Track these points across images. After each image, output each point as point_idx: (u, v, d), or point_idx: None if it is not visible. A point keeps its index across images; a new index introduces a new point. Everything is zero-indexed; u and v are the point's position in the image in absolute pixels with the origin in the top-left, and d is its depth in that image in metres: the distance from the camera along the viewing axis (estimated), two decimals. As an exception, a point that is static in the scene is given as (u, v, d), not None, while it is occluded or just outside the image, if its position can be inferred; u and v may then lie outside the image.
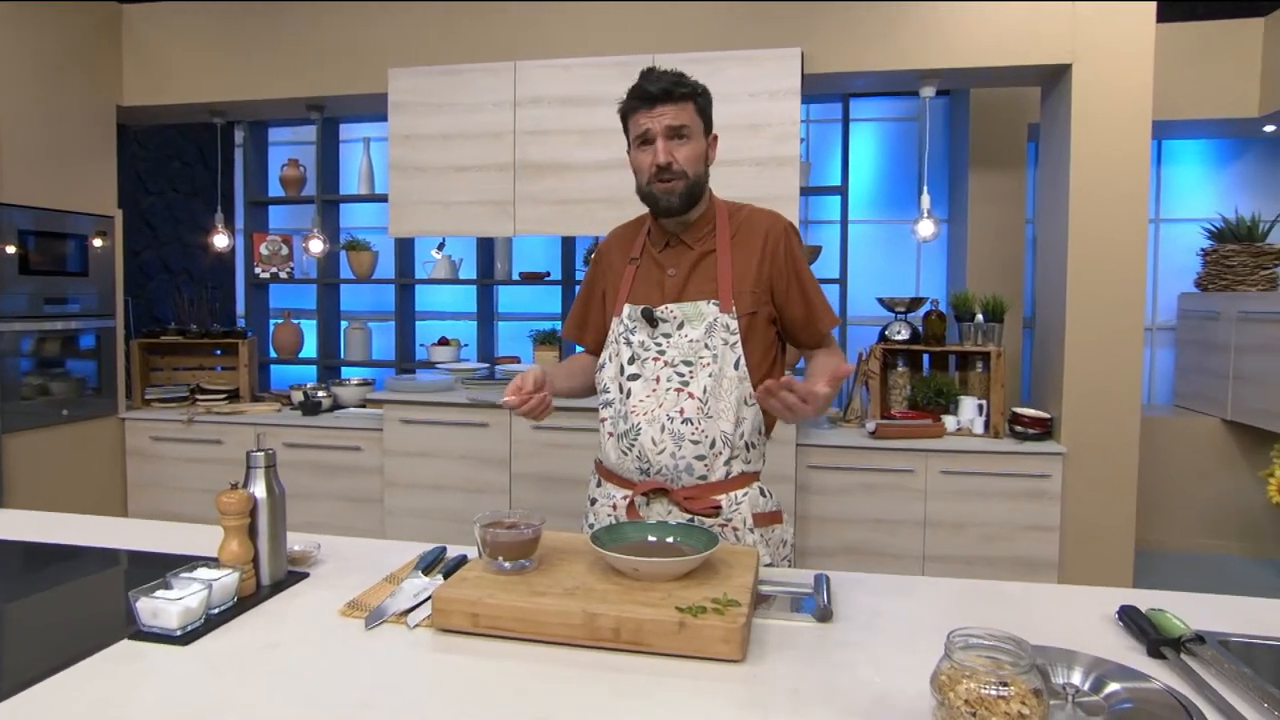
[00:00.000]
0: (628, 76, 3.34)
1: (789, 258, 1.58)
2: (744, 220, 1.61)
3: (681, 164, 1.52)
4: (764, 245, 1.57)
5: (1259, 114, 3.93)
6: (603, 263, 1.72)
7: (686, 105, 1.53)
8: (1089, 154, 3.08)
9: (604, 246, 1.74)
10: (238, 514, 1.28)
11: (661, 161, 1.51)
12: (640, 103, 1.54)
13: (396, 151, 3.53)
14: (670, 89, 1.52)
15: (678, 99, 1.52)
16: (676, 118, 1.52)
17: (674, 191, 1.53)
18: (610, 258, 1.71)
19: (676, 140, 1.53)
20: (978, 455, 3.23)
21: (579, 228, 3.45)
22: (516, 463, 3.43)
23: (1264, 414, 3.72)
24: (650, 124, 1.53)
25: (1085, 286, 3.14)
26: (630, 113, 1.57)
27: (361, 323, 4.69)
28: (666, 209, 1.56)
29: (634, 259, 1.64)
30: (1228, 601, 1.33)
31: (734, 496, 1.54)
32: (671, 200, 1.54)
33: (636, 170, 1.59)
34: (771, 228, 1.59)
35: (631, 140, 1.59)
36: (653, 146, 1.53)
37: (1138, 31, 3.01)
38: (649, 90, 1.53)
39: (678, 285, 1.57)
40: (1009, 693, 0.75)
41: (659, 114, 1.52)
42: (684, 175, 1.53)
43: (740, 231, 1.59)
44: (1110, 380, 3.15)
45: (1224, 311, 4.00)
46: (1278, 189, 4.43)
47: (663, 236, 1.62)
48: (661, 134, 1.52)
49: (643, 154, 1.56)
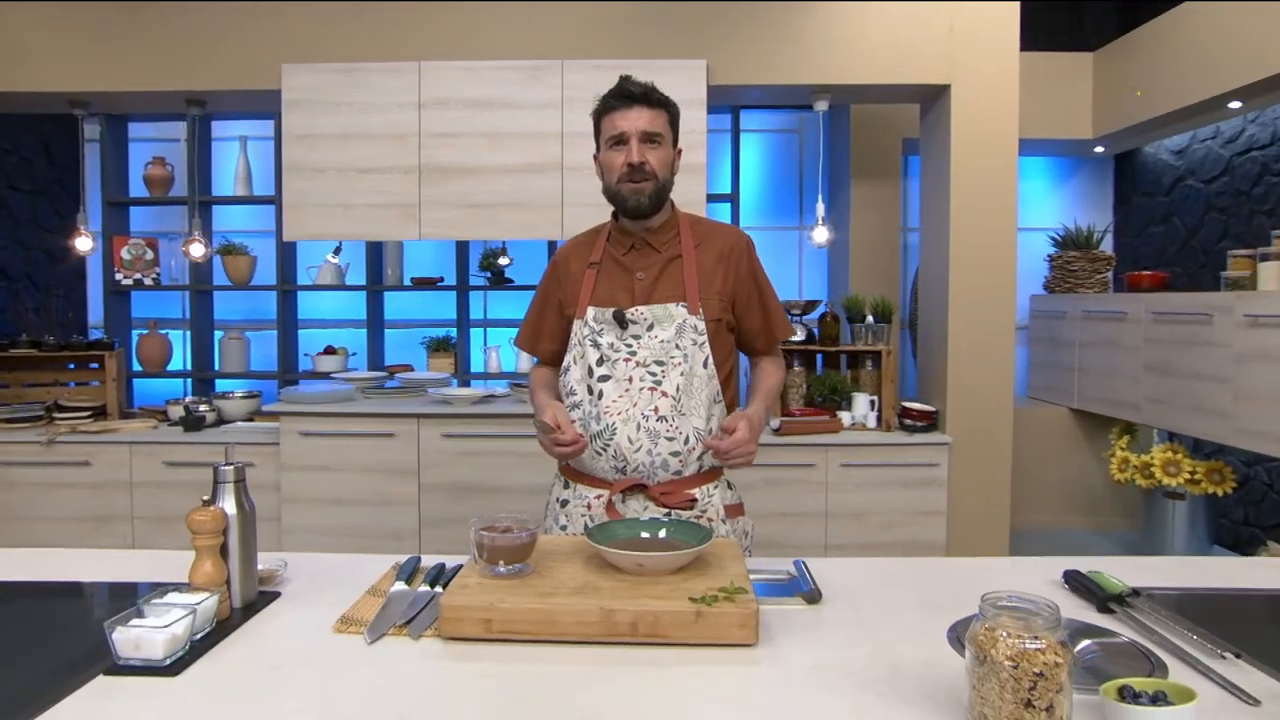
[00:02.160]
0: (537, 81, 3.38)
1: (750, 271, 1.67)
2: (706, 232, 1.68)
3: (653, 166, 1.57)
4: (728, 258, 1.65)
5: (1092, 136, 4.43)
6: (558, 271, 1.74)
7: (661, 113, 1.60)
8: (966, 168, 3.37)
9: (560, 256, 1.76)
10: (211, 533, 1.20)
11: (635, 160, 1.56)
12: (619, 102, 1.59)
13: (291, 151, 3.35)
14: (649, 94, 1.59)
15: (654, 105, 1.59)
16: (652, 123, 1.58)
17: (643, 192, 1.58)
18: (567, 266, 1.72)
19: (649, 144, 1.57)
20: (873, 448, 3.44)
21: (487, 231, 3.41)
22: (426, 473, 3.34)
23: (1104, 402, 4.18)
24: (626, 125, 1.57)
25: (964, 290, 3.43)
26: (606, 113, 1.61)
27: (238, 332, 4.41)
28: (635, 208, 1.59)
29: (593, 263, 1.67)
30: (1143, 562, 1.52)
31: (706, 490, 1.59)
32: (641, 200, 1.58)
33: (606, 170, 1.62)
34: (736, 243, 1.67)
35: (604, 141, 1.63)
36: (626, 147, 1.57)
37: (1005, 56, 3.33)
38: (630, 91, 1.58)
39: (647, 288, 1.61)
40: (1043, 645, 0.84)
41: (636, 116, 1.57)
42: (654, 177, 1.58)
43: (704, 242, 1.66)
44: (987, 375, 3.46)
45: (1069, 311, 4.47)
46: (1107, 202, 5.00)
47: (627, 240, 1.66)
48: (636, 136, 1.57)
49: (615, 154, 1.60)
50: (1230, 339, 3.28)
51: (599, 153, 1.65)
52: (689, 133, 3.33)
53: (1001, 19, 3.32)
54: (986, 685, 0.86)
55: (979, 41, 3.32)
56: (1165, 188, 4.52)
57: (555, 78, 3.32)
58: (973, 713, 0.88)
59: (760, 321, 1.68)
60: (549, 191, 3.36)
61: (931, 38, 3.32)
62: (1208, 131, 4.19)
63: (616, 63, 3.33)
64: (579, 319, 1.63)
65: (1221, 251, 4.08)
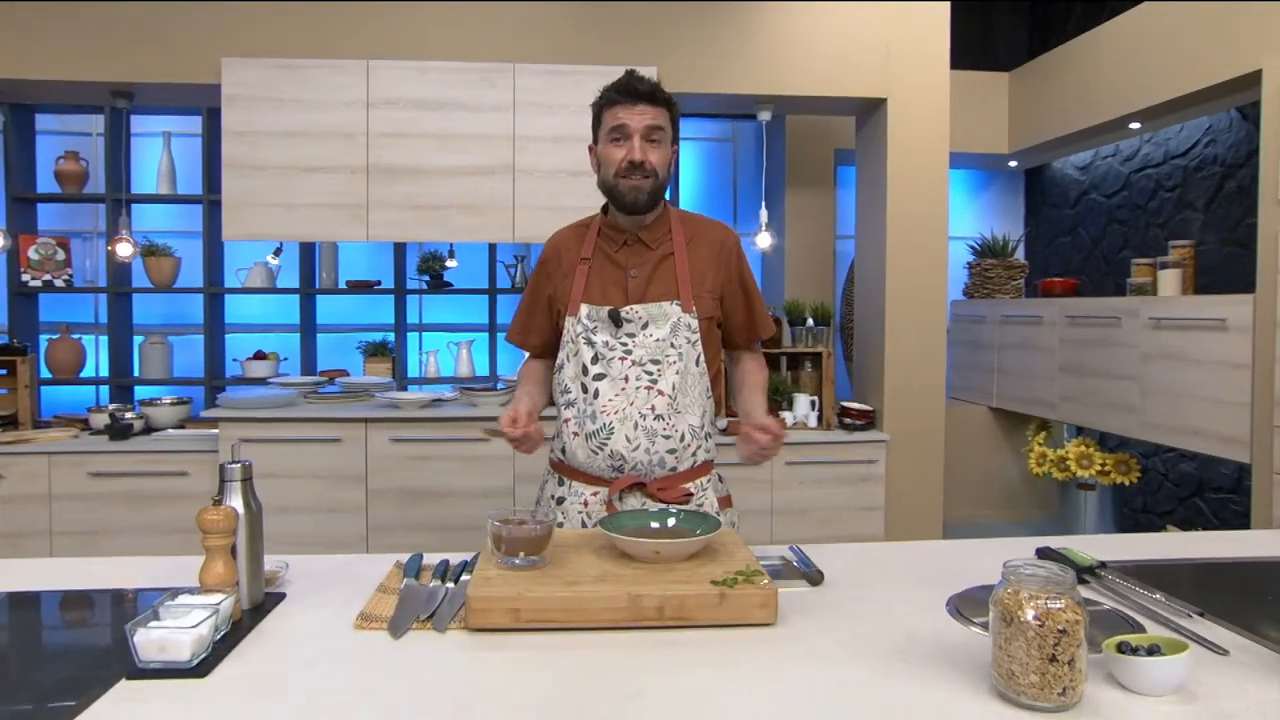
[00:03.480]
0: (488, 84, 3.37)
1: (738, 267, 1.70)
2: (696, 228, 1.70)
3: (654, 164, 1.58)
4: (718, 255, 1.67)
5: (1008, 151, 4.72)
6: (548, 266, 1.74)
7: (663, 111, 1.60)
8: (901, 179, 3.55)
9: (549, 250, 1.75)
10: (223, 532, 1.17)
11: (636, 158, 1.56)
12: (623, 97, 1.58)
13: (231, 148, 3.23)
14: (654, 91, 1.59)
15: (658, 103, 1.59)
16: (655, 119, 1.58)
17: (642, 190, 1.59)
18: (558, 260, 1.72)
19: (651, 142, 1.58)
20: (815, 446, 3.57)
21: (436, 234, 3.37)
22: (374, 478, 3.27)
23: (1022, 400, 4.45)
24: (630, 120, 1.57)
25: (900, 294, 3.60)
26: (608, 106, 1.60)
27: (160, 336, 4.20)
28: (633, 205, 1.60)
29: (585, 259, 1.67)
30: (1099, 539, 1.65)
31: (700, 484, 1.64)
32: (640, 198, 1.59)
33: (604, 163, 1.62)
34: (724, 239, 1.70)
35: (603, 134, 1.62)
36: (628, 143, 1.57)
37: (937, 73, 3.52)
38: (636, 87, 1.57)
39: (641, 286, 1.63)
40: (1063, 605, 0.93)
41: (640, 112, 1.57)
42: (654, 175, 1.59)
43: (694, 239, 1.68)
44: (921, 376, 3.64)
45: (988, 316, 4.74)
46: (1019, 213, 5.32)
47: (619, 236, 1.67)
48: (639, 132, 1.57)
49: (615, 148, 1.59)
50: (1137, 340, 3.56)
51: (596, 144, 1.65)
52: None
53: (934, 37, 3.52)
54: (1014, 644, 0.93)
55: (914, 58, 3.50)
56: (1071, 200, 4.86)
57: (507, 80, 3.32)
58: (999, 670, 0.96)
59: (745, 318, 1.72)
60: (500, 194, 3.35)
61: (870, 54, 3.48)
62: (1109, 149, 4.53)
63: (569, 67, 3.37)
64: (571, 316, 1.64)
65: (1122, 260, 4.41)
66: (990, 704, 0.95)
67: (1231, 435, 3.10)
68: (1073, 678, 0.92)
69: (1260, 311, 2.98)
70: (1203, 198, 3.91)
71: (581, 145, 1.70)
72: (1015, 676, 0.93)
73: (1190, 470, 4.05)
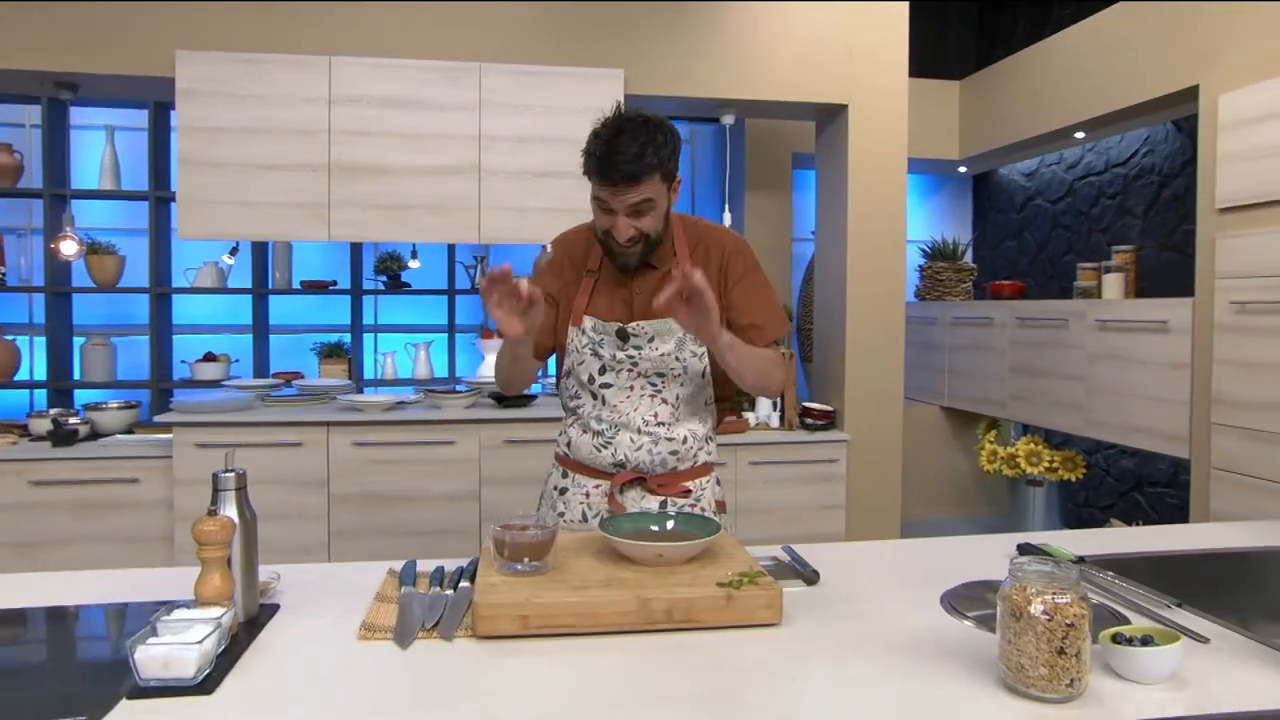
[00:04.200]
0: (454, 83, 3.34)
1: (744, 271, 1.66)
2: (701, 237, 1.67)
3: (643, 229, 1.52)
4: (722, 261, 1.65)
5: (959, 157, 4.86)
6: (555, 269, 1.69)
7: (652, 180, 1.47)
8: (862, 183, 3.63)
9: (557, 254, 1.69)
10: (220, 543, 1.14)
11: (621, 239, 1.51)
12: (601, 178, 1.47)
13: (187, 144, 3.12)
14: (635, 173, 1.44)
15: (642, 179, 1.46)
16: (639, 194, 1.47)
17: (632, 255, 1.55)
18: (564, 265, 1.68)
19: (637, 215, 1.50)
20: (778, 446, 3.62)
21: (401, 234, 3.32)
22: (335, 483, 3.20)
23: (973, 400, 4.59)
24: (612, 201, 1.48)
25: (860, 297, 3.68)
26: (589, 174, 1.51)
27: (103, 338, 4.04)
28: (623, 266, 1.57)
29: (592, 271, 1.65)
30: (1069, 534, 1.71)
31: (700, 483, 1.67)
32: (629, 260, 1.56)
33: (595, 218, 1.56)
34: (728, 245, 1.67)
35: (591, 195, 1.53)
36: (611, 218, 1.50)
37: (897, 80, 3.61)
38: (612, 172, 1.44)
39: (645, 302, 1.61)
40: (1070, 599, 0.97)
41: (622, 193, 1.47)
42: (644, 238, 1.54)
43: (699, 248, 1.65)
44: (880, 377, 3.72)
45: (940, 317, 4.87)
46: (967, 218, 5.49)
47: None
48: (623, 212, 1.49)
49: (601, 215, 1.52)
50: (1083, 341, 3.70)
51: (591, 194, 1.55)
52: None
53: (894, 45, 3.61)
54: (1023, 638, 0.97)
55: (874, 65, 3.58)
56: (1017, 206, 5.03)
57: (473, 80, 3.28)
58: (1007, 664, 0.99)
59: (752, 319, 1.65)
60: (465, 195, 3.32)
61: (833, 60, 3.55)
62: (1053, 157, 4.70)
63: (536, 68, 3.35)
64: (575, 326, 1.64)
65: (1067, 264, 4.59)
66: (1000, 696, 0.99)
67: (1172, 432, 3.25)
68: (1079, 669, 0.96)
69: (1199, 314, 3.13)
70: (1141, 205, 4.09)
71: (548, 146, 1.68)
72: (1025, 669, 0.97)
73: (1130, 466, 4.24)
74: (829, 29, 3.56)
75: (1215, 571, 1.54)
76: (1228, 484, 2.98)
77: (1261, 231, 2.86)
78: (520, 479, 3.27)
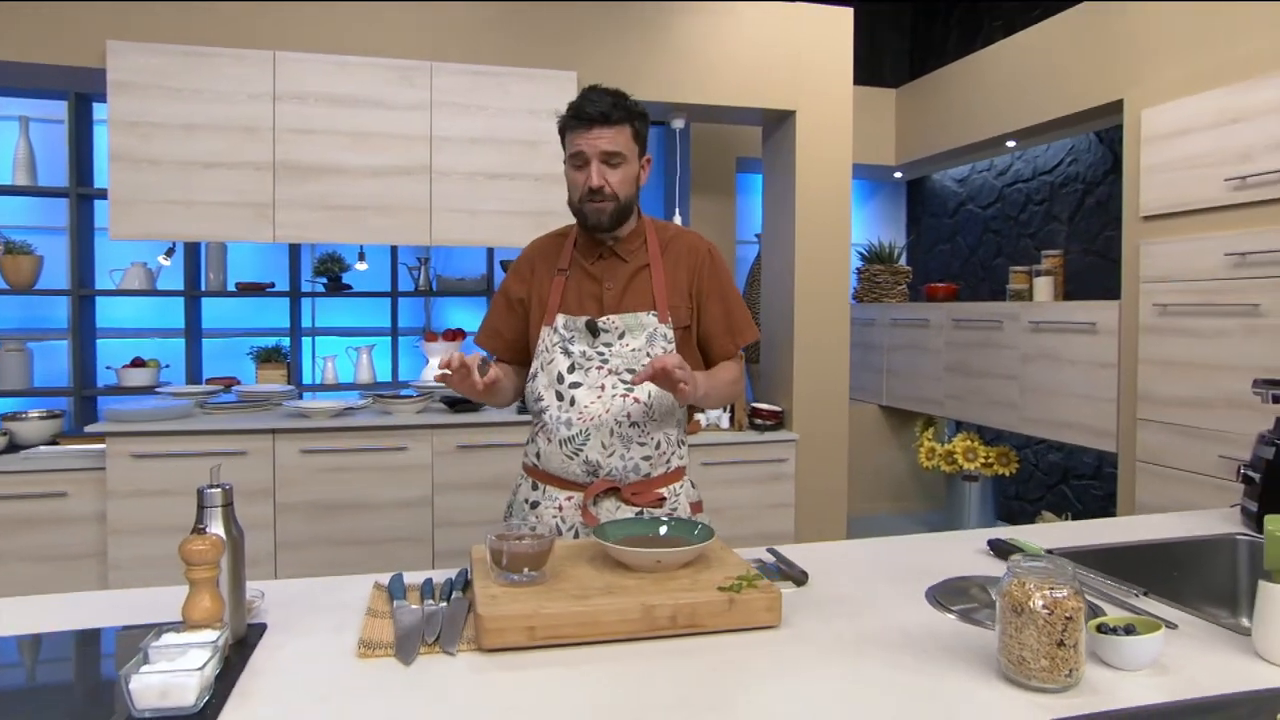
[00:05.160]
0: (405, 81, 3.28)
1: (714, 274, 1.71)
2: (672, 238, 1.72)
3: (613, 187, 1.59)
4: (691, 263, 1.70)
5: (895, 163, 5.02)
6: (522, 273, 1.73)
7: (624, 129, 1.58)
8: (809, 188, 3.71)
9: (524, 258, 1.75)
10: (210, 563, 1.09)
11: (594, 185, 1.57)
12: (577, 123, 1.57)
13: (120, 140, 2.96)
14: (608, 112, 1.56)
15: (615, 122, 1.56)
16: (612, 142, 1.56)
17: (604, 212, 1.60)
18: (531, 267, 1.72)
19: (609, 165, 1.58)
20: (729, 446, 3.67)
21: (349, 235, 3.22)
22: (282, 492, 3.09)
23: (910, 399, 4.75)
24: (585, 146, 1.57)
25: (807, 299, 3.76)
26: (567, 130, 1.61)
27: (18, 342, 3.80)
28: (595, 226, 1.62)
29: (562, 270, 1.68)
30: (1038, 528, 1.80)
31: (673, 488, 1.67)
32: (601, 220, 1.61)
33: (570, 185, 1.63)
34: (698, 246, 1.72)
35: (566, 156, 1.62)
36: (586, 169, 1.58)
37: (842, 87, 3.70)
38: (586, 111, 1.56)
39: (615, 297, 1.65)
40: (1067, 594, 1.02)
41: (595, 137, 1.56)
42: (615, 198, 1.60)
43: (669, 248, 1.70)
44: (827, 377, 3.81)
45: (878, 319, 5.02)
46: (901, 222, 5.66)
47: (595, 249, 1.68)
48: (595, 157, 1.57)
49: (576, 173, 1.61)
50: (1017, 342, 3.87)
51: (565, 163, 1.65)
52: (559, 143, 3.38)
53: (839, 52, 3.70)
54: (1025, 632, 1.01)
55: (821, 72, 3.66)
56: (950, 211, 5.22)
57: (424, 79, 3.22)
58: (1009, 657, 1.03)
59: (724, 325, 1.71)
60: (417, 196, 3.25)
61: (781, 66, 3.62)
62: (984, 164, 4.90)
63: (489, 68, 3.31)
64: (548, 325, 1.64)
65: (997, 267, 4.79)
66: (1002, 689, 1.03)
67: (1101, 428, 3.43)
68: (1077, 659, 1.01)
69: (1125, 316, 3.31)
70: (1067, 211, 4.30)
71: (500, 148, 1.71)
72: (1026, 662, 1.01)
73: (1057, 460, 4.45)
74: (777, 36, 3.63)
75: (1169, 561, 1.63)
76: (1151, 475, 3.16)
77: (1181, 239, 3.05)
78: (474, 484, 3.23)
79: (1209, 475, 2.89)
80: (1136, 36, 3.34)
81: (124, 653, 1.11)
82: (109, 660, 1.18)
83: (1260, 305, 2.73)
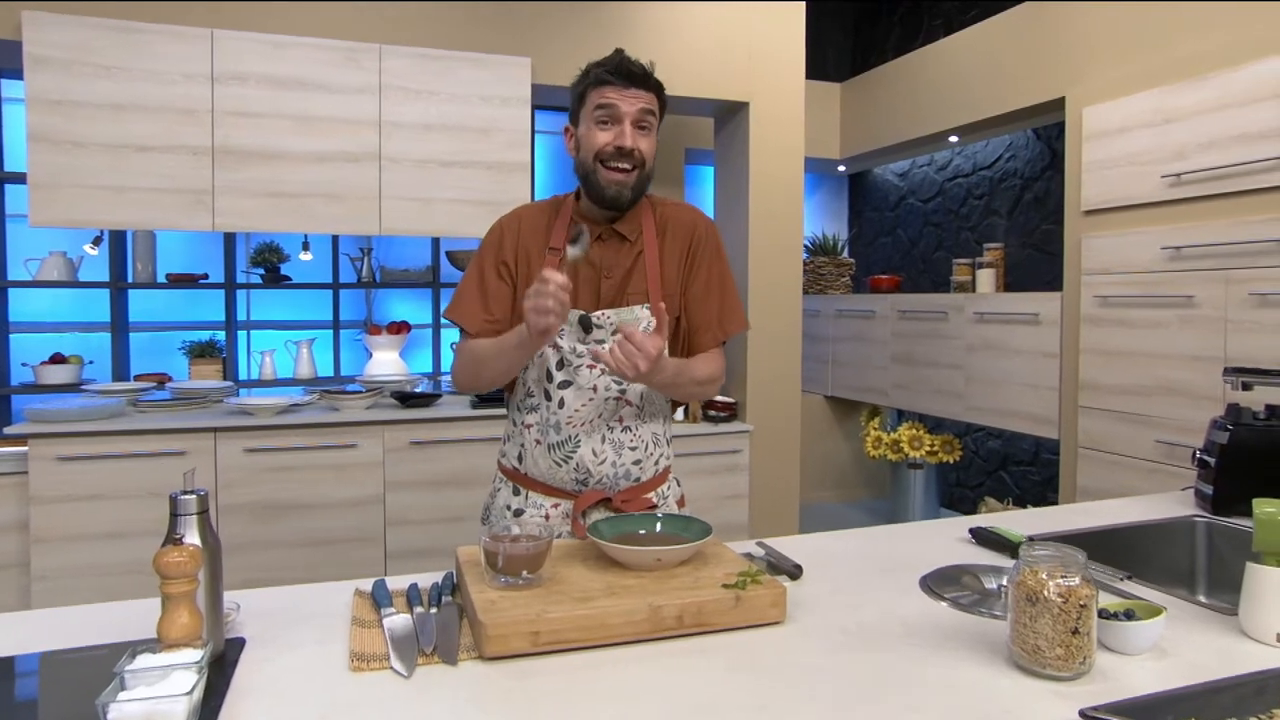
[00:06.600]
0: (353, 64, 3.15)
1: (710, 257, 1.59)
2: (668, 216, 1.58)
3: (644, 152, 1.46)
4: (689, 244, 1.57)
5: (839, 156, 5.08)
6: (507, 243, 1.55)
7: (655, 98, 1.48)
8: (762, 180, 3.72)
9: (509, 228, 1.56)
10: (189, 576, 1.01)
11: (627, 144, 1.43)
12: (615, 78, 1.43)
13: (41, 120, 2.75)
14: (648, 75, 1.46)
15: (652, 88, 1.47)
16: (649, 104, 1.46)
17: (626, 184, 1.46)
18: (522, 240, 1.55)
19: (641, 129, 1.46)
20: (684, 439, 3.66)
21: (293, 224, 3.08)
22: (226, 493, 2.94)
23: (856, 389, 4.83)
24: (622, 103, 1.43)
25: (760, 290, 3.78)
26: (595, 86, 1.45)
27: (-79, 339, 3.52)
28: (614, 200, 1.47)
29: (555, 249, 1.52)
30: (1011, 515, 1.83)
31: (661, 491, 1.62)
32: (624, 193, 1.46)
33: (585, 146, 1.47)
34: (697, 225, 1.59)
35: (586, 114, 1.46)
36: (617, 126, 1.44)
37: (794, 80, 3.72)
38: (630, 69, 1.44)
39: (614, 289, 1.52)
40: (1079, 581, 1.03)
41: (634, 96, 1.43)
42: (642, 165, 1.47)
43: (667, 229, 1.57)
44: (779, 368, 3.84)
45: (823, 310, 5.08)
46: (843, 215, 5.75)
47: (593, 229, 1.51)
48: (631, 116, 1.44)
49: (601, 131, 1.45)
50: (962, 332, 3.97)
51: (576, 126, 1.50)
52: (513, 131, 3.31)
53: (791, 45, 3.71)
54: (1040, 621, 1.01)
55: (773, 65, 3.67)
56: (891, 204, 5.32)
57: (372, 62, 3.09)
58: (1022, 646, 1.04)
59: (715, 313, 1.58)
60: (366, 184, 3.13)
61: (735, 59, 3.61)
62: (924, 159, 5.01)
63: (440, 52, 3.21)
64: None
65: (938, 260, 4.90)
66: (1016, 677, 1.03)
67: (1043, 416, 3.55)
68: (1089, 647, 1.02)
69: (1067, 307, 3.43)
70: (1006, 205, 4.43)
71: (453, 135, 1.58)
72: (1041, 651, 1.02)
73: (996, 447, 4.59)
74: (731, 28, 3.62)
75: (1143, 544, 1.68)
76: (1092, 461, 3.28)
77: (1120, 233, 3.16)
78: (426, 481, 3.14)
79: (1146, 459, 3.02)
80: (1077, 36, 3.45)
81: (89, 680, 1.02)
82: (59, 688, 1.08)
83: (1194, 296, 2.86)
